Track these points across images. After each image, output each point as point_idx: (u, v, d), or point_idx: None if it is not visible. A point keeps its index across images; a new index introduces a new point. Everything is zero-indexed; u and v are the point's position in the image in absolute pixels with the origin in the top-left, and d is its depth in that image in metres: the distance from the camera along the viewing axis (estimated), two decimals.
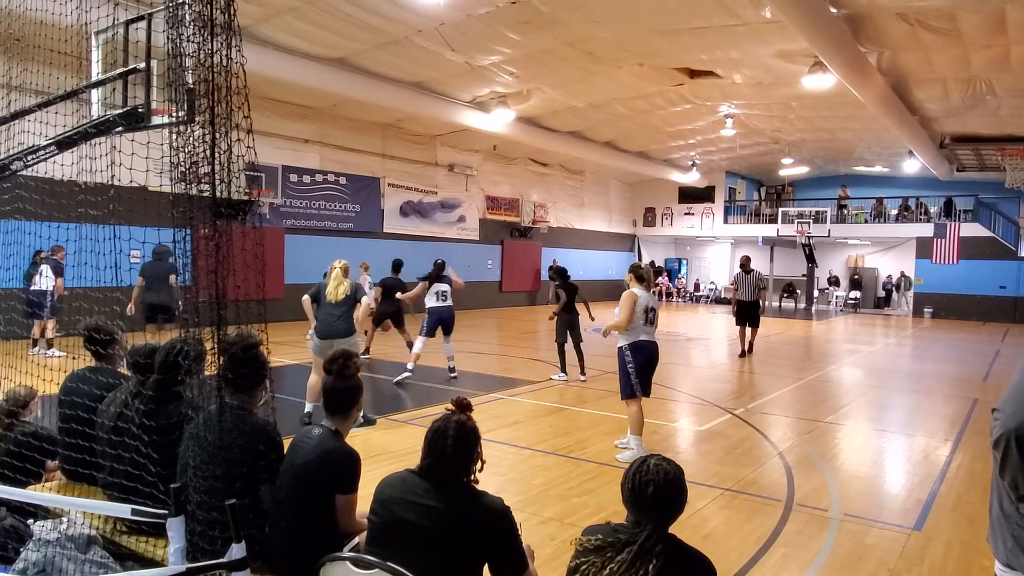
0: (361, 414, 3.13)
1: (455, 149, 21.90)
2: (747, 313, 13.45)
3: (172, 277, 9.54)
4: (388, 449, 6.19)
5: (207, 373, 2.85)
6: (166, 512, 2.57)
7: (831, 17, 10.88)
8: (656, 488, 2.10)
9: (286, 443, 3.01)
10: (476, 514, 2.36)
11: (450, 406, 2.53)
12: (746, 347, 13.57)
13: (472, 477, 2.44)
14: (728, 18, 11.58)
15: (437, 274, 9.74)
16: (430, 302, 9.69)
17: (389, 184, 19.94)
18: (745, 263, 13.74)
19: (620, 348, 6.29)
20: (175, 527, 2.55)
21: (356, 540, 2.75)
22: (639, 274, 6.42)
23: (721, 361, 13.70)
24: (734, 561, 4.19)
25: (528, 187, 25.40)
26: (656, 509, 2.10)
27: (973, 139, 19.67)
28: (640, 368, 6.20)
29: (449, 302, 9.70)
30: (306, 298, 7.35)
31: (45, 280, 10.24)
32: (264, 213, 16.04)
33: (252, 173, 13.64)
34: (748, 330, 13.51)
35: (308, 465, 2.78)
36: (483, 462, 2.48)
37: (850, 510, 5.18)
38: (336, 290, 7.05)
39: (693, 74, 15.49)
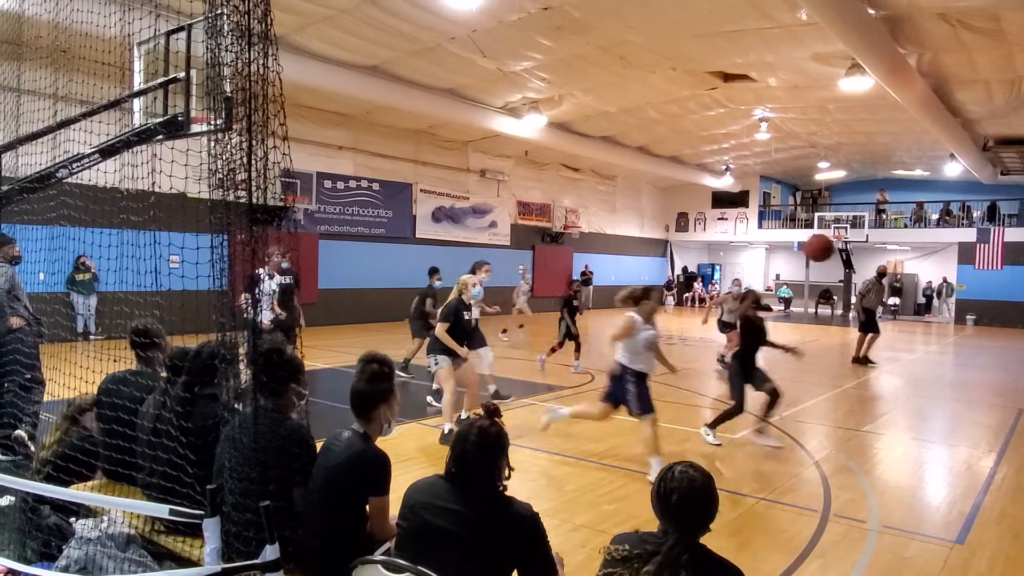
0: (390, 424, 3.10)
1: (487, 155, 21.99)
2: (872, 320, 13.23)
3: None
4: (420, 453, 6.22)
5: (243, 376, 2.89)
6: (202, 513, 2.62)
7: (869, 18, 10.69)
8: (680, 496, 2.07)
9: (319, 446, 3.04)
10: (504, 520, 2.35)
11: (479, 411, 2.54)
12: (861, 354, 13.36)
13: (501, 483, 2.44)
14: (762, 21, 11.45)
15: None
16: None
17: (421, 190, 20.10)
18: (882, 271, 13.66)
19: (624, 366, 5.96)
20: (211, 528, 2.59)
21: (388, 545, 2.76)
22: (634, 297, 6.05)
23: None
24: (769, 572, 4.12)
25: (560, 192, 25.37)
26: (681, 518, 2.07)
27: (1018, 141, 19.14)
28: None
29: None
30: None
31: None
32: (299, 219, 16.28)
33: (287, 179, 13.87)
34: (867, 337, 13.29)
35: (338, 468, 2.81)
36: (511, 469, 2.48)
37: (889, 522, 5.06)
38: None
39: (727, 78, 15.34)
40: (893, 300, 27.90)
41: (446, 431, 6.69)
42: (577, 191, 26.22)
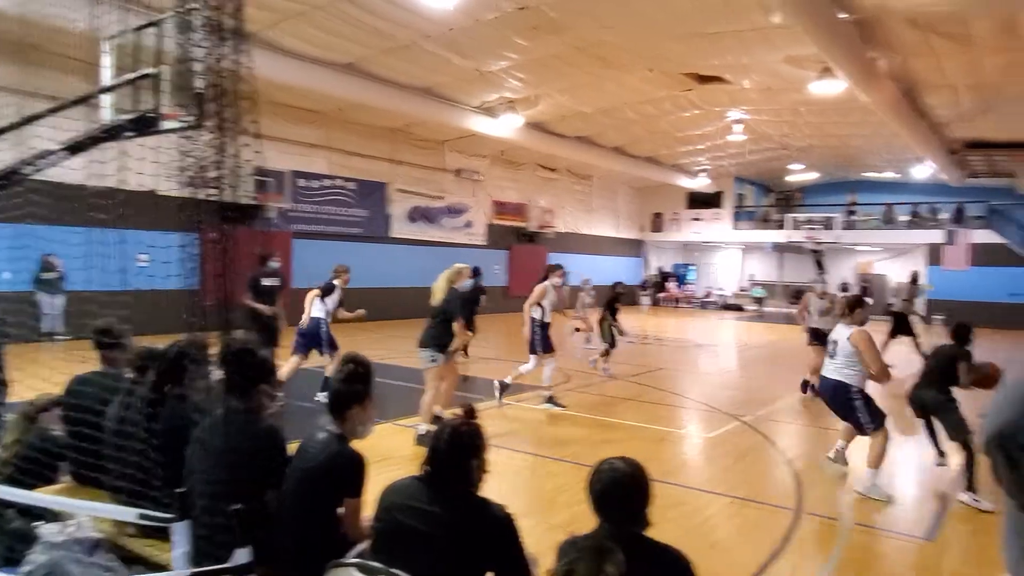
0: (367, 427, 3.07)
1: (463, 154, 21.94)
2: (901, 324, 13.09)
3: None
4: (396, 454, 6.18)
5: (213, 377, 2.85)
6: (172, 516, 2.57)
7: (840, 22, 10.84)
8: (603, 487, 2.10)
9: (295, 448, 3.00)
10: (478, 521, 2.34)
11: (457, 411, 2.53)
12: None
13: (474, 484, 2.43)
14: (737, 23, 11.56)
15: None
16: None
17: (397, 189, 19.99)
18: (915, 276, 13.71)
19: None
20: (180, 532, 2.55)
21: (362, 547, 2.74)
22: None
23: (729, 368, 13.64)
24: (742, 569, 4.16)
25: (535, 192, 25.41)
26: (607, 508, 2.10)
27: (984, 145, 19.55)
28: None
29: None
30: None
31: None
32: (272, 218, 16.10)
33: (260, 178, 13.71)
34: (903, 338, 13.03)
35: (313, 469, 2.78)
36: (485, 470, 2.47)
37: (860, 519, 5.13)
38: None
39: (702, 79, 15.47)
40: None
41: (422, 431, 6.66)
42: (553, 191, 26.27)
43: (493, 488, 2.53)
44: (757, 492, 5.68)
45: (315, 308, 8.80)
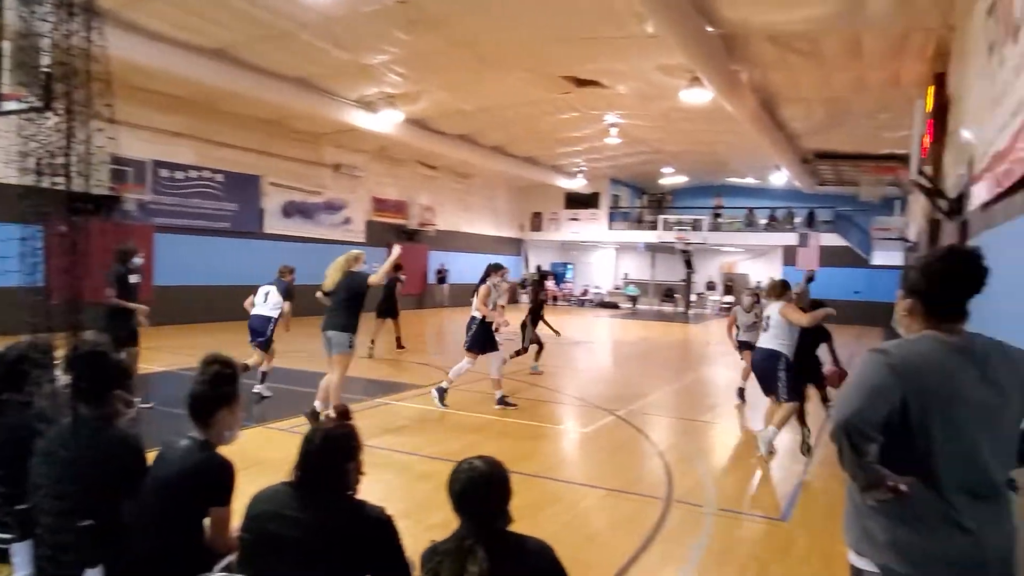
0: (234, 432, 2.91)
1: (341, 149, 21.40)
2: None
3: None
4: (266, 459, 5.91)
5: (60, 382, 2.61)
6: (11, 536, 2.33)
7: (707, 35, 11.44)
8: (462, 487, 2.11)
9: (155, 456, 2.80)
10: (356, 525, 2.27)
11: (330, 412, 2.44)
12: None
13: (350, 487, 2.36)
14: (613, 30, 11.94)
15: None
16: None
17: (271, 183, 19.19)
18: (810, 277, 14.11)
19: None
20: (21, 553, 2.33)
21: (229, 559, 2.60)
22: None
23: (605, 364, 14.08)
24: (616, 559, 4.29)
25: (416, 190, 25.20)
26: (466, 508, 2.12)
27: (832, 155, 21.24)
28: None
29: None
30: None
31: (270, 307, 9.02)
32: (131, 210, 15.03)
33: (117, 167, 12.76)
34: None
35: (174, 478, 2.60)
36: (361, 472, 2.40)
37: (724, 504, 5.44)
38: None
39: (580, 83, 15.87)
40: (727, 298, 30.15)
41: (318, 408, 6.94)
42: (433, 189, 26.15)
43: (368, 491, 2.47)
44: (630, 484, 5.89)
45: (269, 306, 8.96)
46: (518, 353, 11.50)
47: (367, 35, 12.68)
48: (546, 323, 12.11)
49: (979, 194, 5.31)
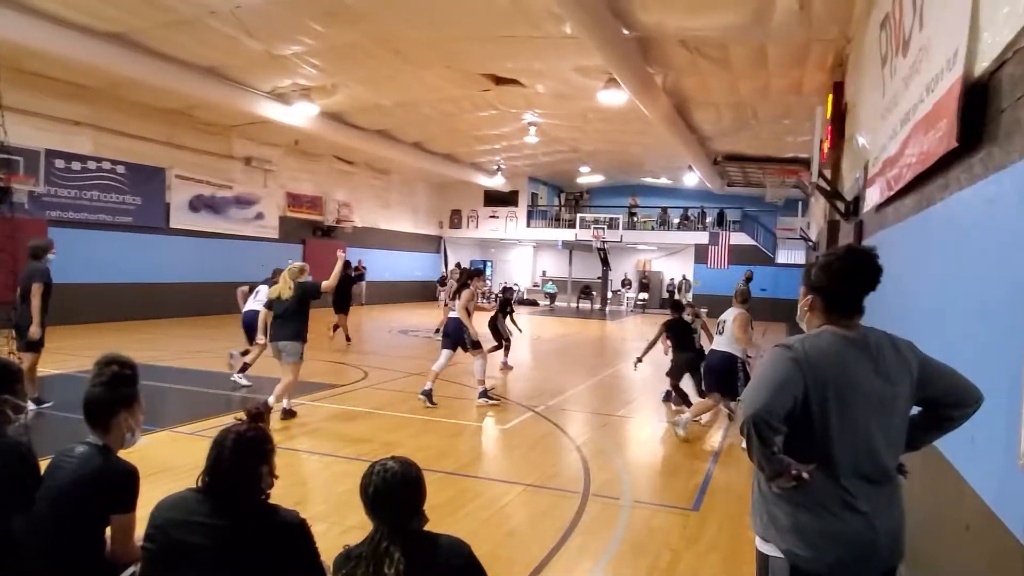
0: (136, 435, 2.77)
1: (253, 142, 20.69)
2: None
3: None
4: (171, 464, 5.66)
5: None
6: None
7: (623, 38, 11.68)
8: (376, 488, 2.09)
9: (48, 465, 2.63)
10: (268, 531, 2.20)
11: (242, 415, 2.35)
12: None
13: (263, 491, 2.28)
14: (532, 30, 12.02)
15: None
16: None
17: (177, 176, 18.36)
18: (749, 276, 16.11)
19: None
20: None
21: (131, 569, 2.47)
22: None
23: (523, 360, 14.17)
24: (536, 553, 4.33)
25: (332, 185, 24.66)
26: (382, 509, 2.09)
27: (740, 158, 22.08)
28: None
29: None
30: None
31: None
32: (20, 202, 14.09)
33: (6, 156, 11.92)
34: None
35: (71, 487, 2.45)
36: (274, 476, 2.32)
37: (639, 496, 5.58)
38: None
39: (499, 81, 15.91)
40: (642, 295, 30.95)
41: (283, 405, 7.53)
42: (351, 184, 25.66)
43: (282, 495, 2.40)
44: (549, 479, 5.95)
45: (259, 303, 9.05)
46: (498, 348, 12.08)
47: (280, 25, 12.29)
48: (513, 321, 12.63)
49: (872, 197, 5.63)
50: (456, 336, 8.84)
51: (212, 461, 2.21)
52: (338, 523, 4.63)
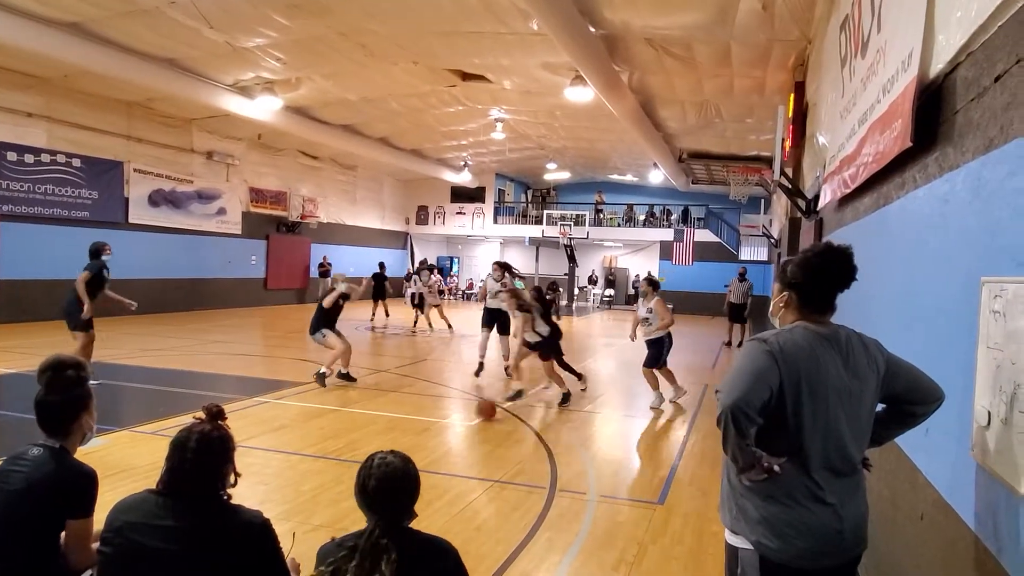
0: (90, 435, 2.71)
1: (214, 136, 20.33)
2: (737, 313, 16.96)
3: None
4: (130, 465, 5.55)
5: None
6: None
7: (590, 35, 11.73)
8: (378, 482, 2.08)
9: None
10: (231, 532, 2.16)
11: (200, 414, 2.30)
12: (734, 339, 16.78)
13: (225, 491, 2.24)
14: (499, 26, 12.01)
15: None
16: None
17: (135, 170, 17.96)
18: (743, 273, 17.15)
19: None
20: None
21: (88, 574, 2.41)
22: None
23: (490, 357, 14.16)
24: (503, 549, 4.34)
25: (297, 180, 24.35)
26: (382, 504, 2.08)
27: (704, 156, 22.33)
28: None
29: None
30: None
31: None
32: None
33: None
34: (736, 326, 16.94)
35: (24, 492, 2.38)
36: (237, 475, 2.29)
37: (605, 491, 5.63)
38: None
39: (466, 77, 15.86)
40: (608, 291, 31.17)
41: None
42: (316, 179, 25.37)
43: (245, 494, 2.37)
44: (516, 475, 5.97)
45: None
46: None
47: (243, 17, 12.09)
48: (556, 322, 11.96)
49: (831, 195, 5.75)
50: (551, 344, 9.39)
51: (175, 461, 2.17)
52: (304, 522, 4.59)
